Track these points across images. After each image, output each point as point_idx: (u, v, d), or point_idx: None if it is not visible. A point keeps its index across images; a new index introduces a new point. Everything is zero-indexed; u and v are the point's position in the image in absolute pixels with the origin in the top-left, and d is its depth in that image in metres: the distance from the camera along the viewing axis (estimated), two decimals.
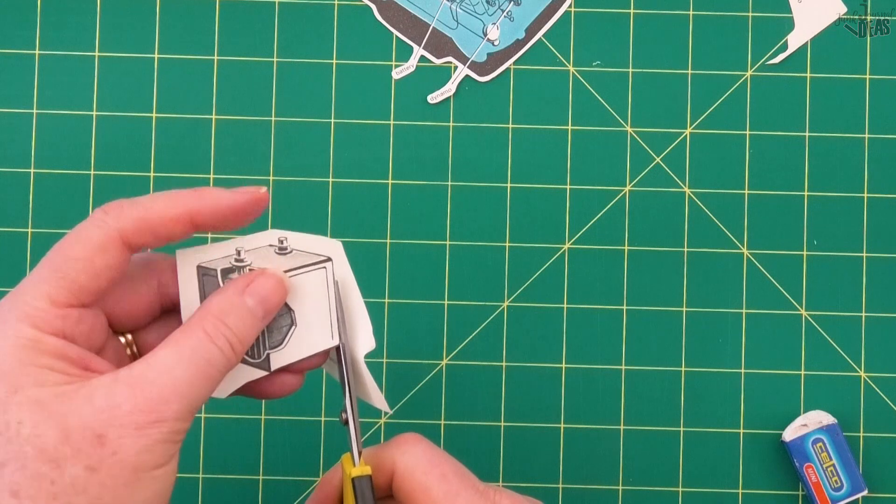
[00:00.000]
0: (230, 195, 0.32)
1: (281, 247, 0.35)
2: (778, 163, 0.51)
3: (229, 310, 0.32)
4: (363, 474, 0.33)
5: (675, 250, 0.51)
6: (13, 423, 0.28)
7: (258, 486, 0.50)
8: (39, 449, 0.28)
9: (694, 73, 0.52)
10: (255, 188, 0.33)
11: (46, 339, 0.29)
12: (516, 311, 0.51)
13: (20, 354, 0.29)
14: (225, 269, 0.33)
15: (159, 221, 0.31)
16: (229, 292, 0.32)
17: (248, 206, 0.33)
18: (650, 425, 0.50)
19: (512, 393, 0.50)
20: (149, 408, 0.29)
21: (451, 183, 0.51)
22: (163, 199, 0.32)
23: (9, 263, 0.50)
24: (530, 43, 0.52)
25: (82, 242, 0.31)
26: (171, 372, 0.30)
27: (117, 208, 0.31)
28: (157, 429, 0.29)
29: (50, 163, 0.51)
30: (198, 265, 0.33)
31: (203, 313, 0.31)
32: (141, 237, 0.31)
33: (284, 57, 0.51)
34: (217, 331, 0.31)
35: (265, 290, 0.33)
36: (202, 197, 0.32)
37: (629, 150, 0.51)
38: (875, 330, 0.51)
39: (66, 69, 0.51)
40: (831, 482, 0.49)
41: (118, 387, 0.29)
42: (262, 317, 0.32)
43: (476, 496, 0.33)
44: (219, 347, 0.31)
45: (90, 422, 0.28)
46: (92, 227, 0.31)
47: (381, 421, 0.50)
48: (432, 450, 0.34)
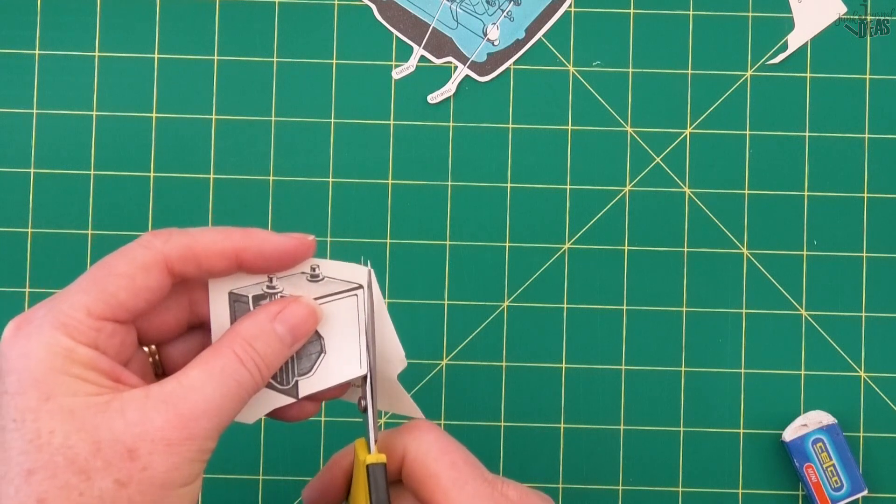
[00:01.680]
0: (278, 238, 0.33)
1: (313, 274, 0.34)
2: (778, 163, 0.51)
3: (258, 334, 0.32)
4: (378, 461, 0.33)
5: (675, 250, 0.51)
6: (44, 432, 0.28)
7: (258, 486, 0.50)
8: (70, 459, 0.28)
9: (694, 73, 0.52)
10: (304, 235, 0.33)
11: (80, 348, 0.29)
12: (516, 311, 0.51)
13: (53, 362, 0.29)
14: (257, 295, 0.34)
15: (205, 253, 0.32)
16: (260, 317, 0.32)
17: (294, 251, 0.33)
18: (650, 425, 0.50)
19: (512, 393, 0.50)
20: (181, 424, 0.29)
21: (451, 183, 0.51)
22: (212, 233, 0.32)
23: (9, 263, 0.50)
24: (530, 43, 0.52)
25: (127, 260, 0.31)
26: (203, 390, 0.30)
27: (166, 234, 0.32)
28: (187, 446, 0.29)
29: (50, 163, 0.51)
30: (230, 291, 0.34)
31: (233, 335, 0.32)
32: (185, 265, 0.31)
33: (284, 57, 0.51)
34: (246, 353, 0.31)
35: (296, 318, 0.33)
36: (250, 236, 0.32)
37: (629, 150, 0.51)
38: (875, 330, 0.51)
39: (66, 69, 0.51)
40: (831, 482, 0.49)
41: (150, 402, 0.29)
42: (290, 344, 0.33)
43: (484, 485, 0.33)
44: (248, 370, 0.31)
45: (121, 435, 0.28)
46: (138, 248, 0.31)
47: (380, 421, 0.50)
48: (444, 438, 0.34)
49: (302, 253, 0.33)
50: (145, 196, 0.51)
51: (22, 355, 0.29)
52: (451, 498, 0.32)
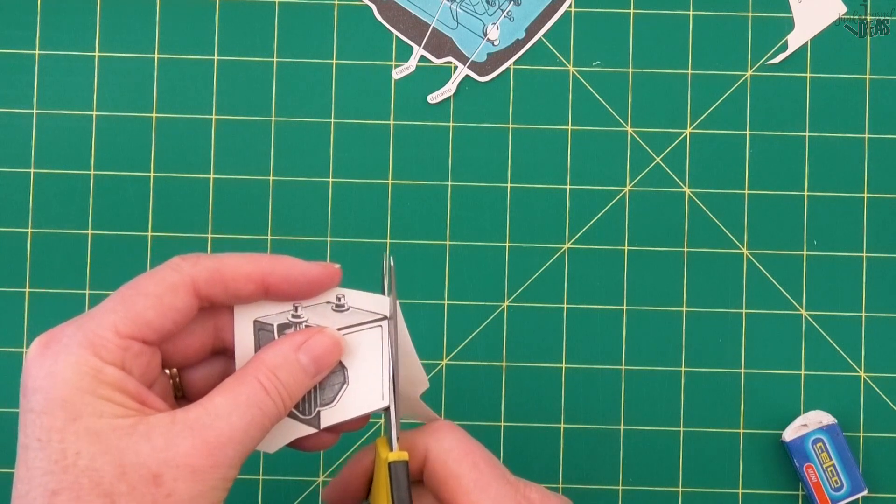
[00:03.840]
0: (304, 265, 0.33)
1: (338, 304, 0.35)
2: (778, 163, 0.51)
3: (282, 364, 0.32)
4: (400, 459, 0.33)
5: (675, 250, 0.51)
6: (70, 453, 0.28)
7: (258, 486, 0.50)
8: (95, 482, 0.28)
9: (694, 73, 0.52)
10: (330, 264, 0.34)
11: (107, 369, 0.29)
12: (516, 311, 0.51)
13: (81, 382, 0.29)
14: (282, 324, 0.34)
15: (232, 276, 0.32)
16: (285, 347, 0.32)
17: (319, 278, 0.33)
18: (650, 425, 0.50)
19: (512, 393, 0.50)
20: (207, 452, 0.29)
21: (451, 183, 0.51)
22: (239, 257, 0.32)
23: (9, 263, 0.50)
24: (530, 43, 0.52)
25: (155, 281, 0.31)
26: (228, 418, 0.30)
27: (195, 257, 0.32)
28: (212, 474, 0.29)
29: (50, 163, 0.51)
30: (255, 319, 0.34)
31: (257, 364, 0.32)
32: (212, 288, 0.32)
33: (284, 57, 0.51)
34: (270, 382, 0.31)
35: (320, 349, 0.33)
36: (277, 262, 0.33)
37: (629, 150, 0.51)
38: (875, 330, 0.51)
39: (66, 69, 0.51)
40: (831, 482, 0.49)
41: (176, 428, 0.29)
42: (313, 374, 0.33)
43: (506, 487, 0.33)
44: (272, 399, 0.31)
45: (147, 460, 0.28)
46: (167, 269, 0.31)
47: (381, 421, 0.50)
48: (466, 438, 0.34)
49: (327, 281, 0.33)
50: (145, 196, 0.51)
51: (49, 374, 0.29)
52: (473, 499, 0.32)
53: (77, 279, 0.50)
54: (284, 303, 0.34)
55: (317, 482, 0.50)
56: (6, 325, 0.50)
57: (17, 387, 0.50)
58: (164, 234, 0.51)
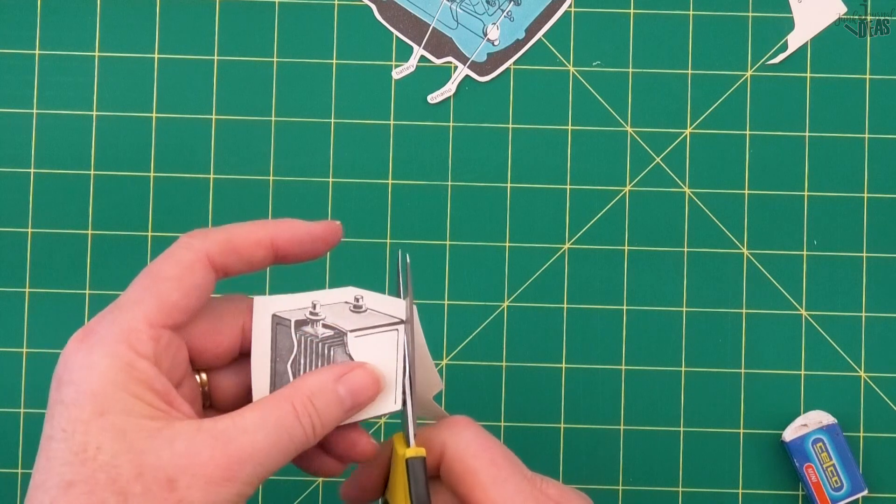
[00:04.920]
0: (308, 224, 0.34)
1: (356, 305, 0.35)
2: (778, 163, 0.51)
3: (320, 393, 0.32)
4: (418, 455, 0.33)
5: (675, 250, 0.51)
6: (91, 447, 0.28)
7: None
8: (112, 478, 0.28)
9: (694, 73, 0.52)
10: (331, 221, 0.35)
11: (140, 363, 0.29)
12: (516, 311, 0.51)
13: (114, 377, 0.29)
14: (299, 320, 0.34)
15: (243, 243, 0.32)
16: (325, 376, 0.33)
17: (324, 235, 0.34)
18: (650, 425, 0.50)
19: (512, 393, 0.50)
20: (225, 464, 0.29)
21: (451, 183, 0.51)
22: (246, 225, 0.33)
23: (9, 263, 0.50)
24: (530, 43, 0.52)
25: (171, 263, 0.31)
26: (254, 435, 0.30)
27: (202, 233, 0.32)
28: (227, 487, 0.29)
29: (50, 163, 0.51)
30: (273, 314, 0.34)
31: (295, 389, 0.32)
32: (226, 258, 0.32)
33: (284, 57, 0.51)
34: (304, 409, 0.31)
35: (359, 384, 0.33)
36: (282, 223, 0.33)
37: (629, 150, 0.51)
38: (875, 330, 0.51)
39: (66, 69, 0.51)
40: (831, 482, 0.49)
41: (200, 436, 0.29)
42: (349, 408, 0.33)
43: (524, 483, 0.33)
44: (302, 426, 0.31)
45: (166, 464, 0.28)
46: (179, 250, 0.32)
47: (381, 421, 0.50)
48: (483, 434, 0.34)
49: (332, 237, 0.34)
50: (145, 196, 0.51)
51: (84, 367, 0.29)
52: (492, 495, 0.32)
53: (77, 279, 0.50)
54: (304, 298, 0.34)
55: (317, 482, 0.50)
56: (6, 325, 0.50)
57: (18, 387, 0.50)
58: (164, 234, 0.51)
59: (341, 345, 0.34)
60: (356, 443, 0.35)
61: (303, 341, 0.34)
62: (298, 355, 0.34)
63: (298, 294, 0.35)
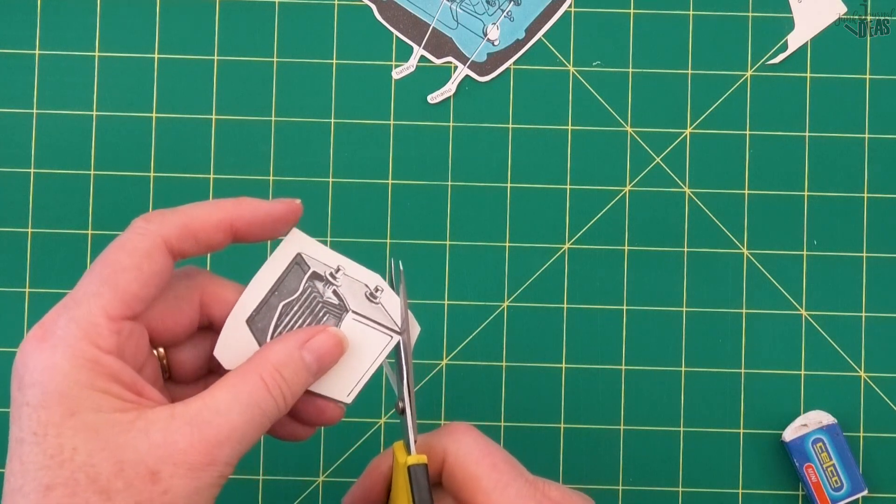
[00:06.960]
0: (268, 204, 0.33)
1: (373, 294, 0.35)
2: (778, 163, 0.51)
3: (287, 362, 0.32)
4: (419, 462, 0.33)
5: (675, 250, 0.51)
6: (67, 448, 0.28)
7: (258, 486, 0.50)
8: (92, 478, 0.28)
9: (694, 73, 0.52)
10: (291, 200, 0.34)
11: (104, 359, 0.29)
12: (516, 311, 0.51)
13: (79, 375, 0.29)
14: (316, 272, 0.34)
15: (201, 227, 0.32)
16: (289, 344, 0.32)
17: (284, 215, 0.34)
18: (650, 425, 0.50)
19: (512, 393, 0.50)
20: (204, 449, 0.29)
21: (451, 183, 0.51)
22: (204, 207, 0.32)
23: (9, 263, 0.50)
24: (530, 43, 0.52)
25: (128, 251, 0.31)
26: (228, 416, 0.30)
27: (159, 216, 0.32)
28: (209, 472, 0.29)
29: (50, 163, 0.51)
30: (299, 252, 0.34)
31: (261, 361, 0.32)
32: (184, 243, 0.32)
33: (284, 57, 0.51)
34: (273, 381, 0.31)
35: (323, 349, 0.33)
36: (241, 205, 0.33)
37: (629, 150, 0.51)
38: (875, 330, 0.51)
39: (66, 69, 0.51)
40: (831, 482, 0.49)
41: (175, 423, 0.29)
42: (315, 372, 0.33)
43: (526, 487, 0.33)
44: (273, 397, 0.31)
45: (145, 457, 0.28)
46: (135, 236, 0.31)
47: (381, 421, 0.50)
48: (484, 440, 0.34)
49: (292, 216, 0.34)
50: (145, 196, 0.51)
51: (47, 367, 0.29)
52: (494, 500, 0.32)
53: (77, 279, 0.50)
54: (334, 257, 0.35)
55: (317, 482, 0.50)
56: (6, 325, 0.50)
57: None
58: None
59: (337, 317, 0.34)
60: (324, 409, 0.35)
61: (307, 292, 0.34)
62: (294, 302, 0.34)
63: (331, 251, 0.35)
